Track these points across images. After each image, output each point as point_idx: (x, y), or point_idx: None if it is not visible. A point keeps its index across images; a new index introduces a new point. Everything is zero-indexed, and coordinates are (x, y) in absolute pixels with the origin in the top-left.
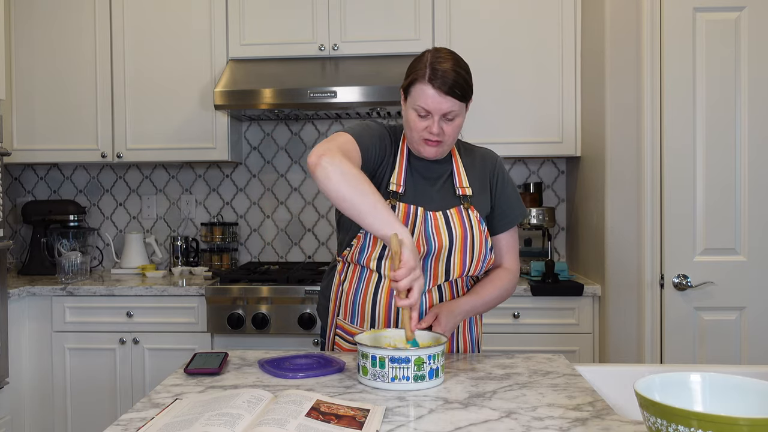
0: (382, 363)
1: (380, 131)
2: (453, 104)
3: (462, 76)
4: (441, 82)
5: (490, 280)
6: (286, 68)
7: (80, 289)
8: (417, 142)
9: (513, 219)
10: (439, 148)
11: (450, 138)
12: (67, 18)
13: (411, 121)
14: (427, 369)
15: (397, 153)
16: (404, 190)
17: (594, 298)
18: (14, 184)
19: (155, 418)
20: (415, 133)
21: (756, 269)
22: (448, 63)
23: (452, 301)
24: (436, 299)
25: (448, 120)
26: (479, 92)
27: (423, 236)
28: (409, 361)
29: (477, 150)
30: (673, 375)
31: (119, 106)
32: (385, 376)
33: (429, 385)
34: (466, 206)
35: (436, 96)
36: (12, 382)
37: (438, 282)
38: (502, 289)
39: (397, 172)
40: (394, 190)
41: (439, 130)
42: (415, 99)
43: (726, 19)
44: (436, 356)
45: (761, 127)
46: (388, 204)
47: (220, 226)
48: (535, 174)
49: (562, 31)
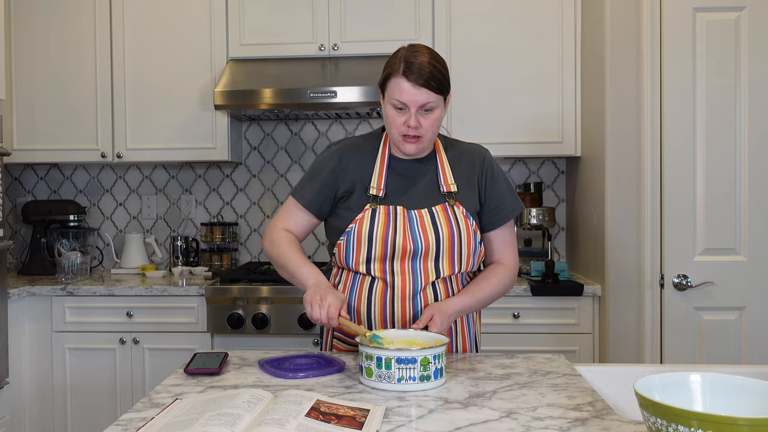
0: (388, 364)
1: (330, 166)
2: (429, 96)
3: (437, 68)
4: (417, 75)
5: (484, 278)
6: (286, 68)
7: (80, 289)
8: (397, 139)
9: (507, 214)
10: (419, 144)
11: (429, 132)
12: (67, 18)
13: (389, 116)
14: (432, 369)
15: (376, 156)
16: (385, 193)
17: (594, 298)
18: (14, 184)
19: (155, 418)
20: (394, 129)
21: (756, 269)
22: (423, 56)
23: (445, 301)
24: (431, 298)
25: (425, 112)
26: (479, 92)
27: (409, 234)
28: (415, 361)
29: (464, 145)
30: (673, 375)
31: (119, 106)
32: (391, 377)
33: (434, 385)
34: (451, 203)
35: (411, 88)
36: (12, 382)
37: (430, 280)
38: (498, 285)
39: (377, 176)
40: (374, 194)
41: (416, 123)
42: (391, 93)
43: (726, 19)
44: (440, 356)
45: (761, 127)
46: (368, 208)
47: (220, 226)
48: (535, 174)
49: (562, 30)
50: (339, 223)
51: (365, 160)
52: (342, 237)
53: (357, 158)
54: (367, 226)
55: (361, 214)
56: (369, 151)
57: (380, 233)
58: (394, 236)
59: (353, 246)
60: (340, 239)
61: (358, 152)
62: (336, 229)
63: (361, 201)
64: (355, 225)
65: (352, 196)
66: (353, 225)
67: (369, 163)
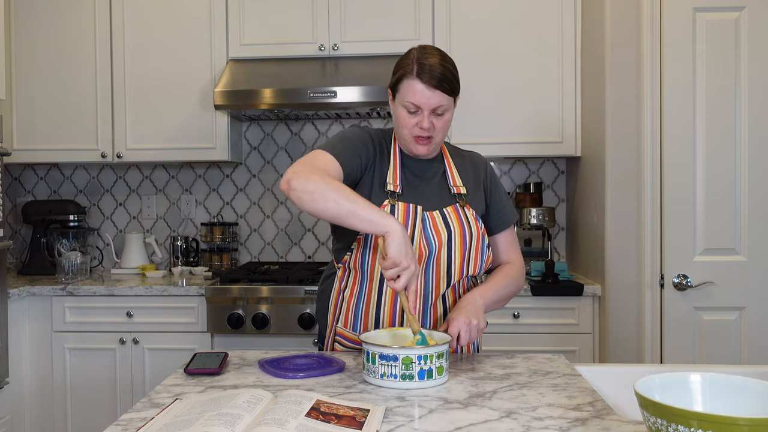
0: (373, 359)
1: (362, 137)
2: (442, 98)
3: (449, 70)
4: (429, 77)
5: (494, 274)
6: (286, 68)
7: (80, 289)
8: (408, 140)
9: (508, 219)
10: (431, 145)
11: (440, 133)
12: (67, 18)
13: (401, 118)
14: (416, 369)
15: (389, 154)
16: (402, 189)
17: (594, 298)
18: (14, 184)
19: (155, 418)
20: (405, 130)
21: (756, 269)
22: (435, 58)
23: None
24: (440, 311)
25: (438, 115)
26: (479, 92)
27: (423, 237)
28: (396, 359)
29: (465, 152)
30: (673, 375)
31: (119, 106)
32: (375, 372)
33: (421, 385)
34: (461, 204)
35: (425, 90)
36: (12, 382)
37: (441, 291)
38: (510, 278)
39: (392, 172)
40: (392, 190)
41: (429, 125)
42: (404, 95)
43: (726, 19)
44: (428, 357)
45: (761, 127)
46: (387, 204)
47: (220, 226)
48: (535, 174)
49: (562, 31)
50: None
51: (382, 152)
52: (360, 234)
53: (378, 145)
54: None
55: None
56: (385, 144)
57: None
58: (411, 238)
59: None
60: (360, 235)
61: (378, 140)
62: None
63: (380, 196)
64: None
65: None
66: None
67: (386, 156)
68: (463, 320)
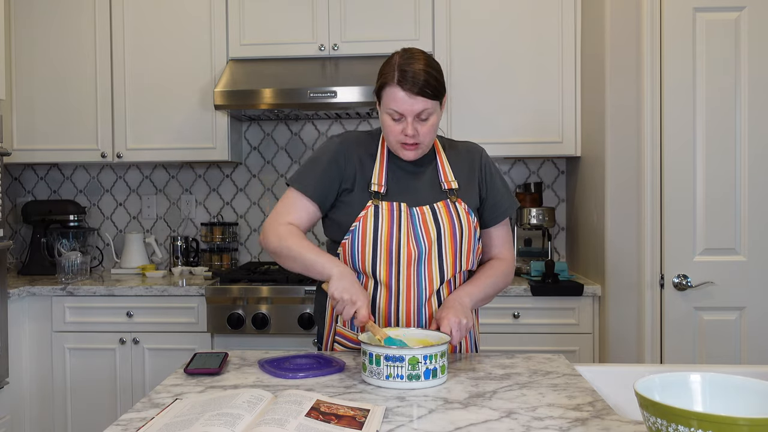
0: (377, 361)
1: (334, 155)
2: (425, 104)
3: (432, 75)
4: (411, 84)
5: (483, 269)
6: (286, 68)
7: (80, 289)
8: (395, 147)
9: (504, 211)
10: (418, 150)
11: (427, 138)
12: (67, 18)
13: (386, 125)
14: (422, 369)
15: (376, 154)
16: (386, 189)
17: (594, 298)
18: (14, 184)
19: (155, 418)
20: (391, 137)
21: (756, 269)
22: (417, 63)
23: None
24: (435, 307)
25: (422, 120)
26: (479, 92)
27: (412, 235)
28: (403, 360)
29: (460, 143)
30: (673, 375)
31: (119, 106)
32: (380, 374)
33: (425, 385)
34: (453, 199)
35: (407, 98)
36: (12, 382)
37: (435, 287)
38: (497, 275)
39: (378, 173)
40: (376, 191)
41: (413, 132)
42: (387, 103)
43: (726, 19)
44: (432, 357)
45: (761, 127)
46: (371, 204)
47: (220, 226)
48: (535, 174)
49: (562, 31)
50: (341, 219)
51: (366, 155)
52: (347, 236)
53: (358, 152)
54: (371, 223)
55: (363, 211)
56: (369, 146)
57: (385, 232)
58: (398, 237)
59: (359, 245)
60: (345, 238)
61: (359, 146)
62: (338, 225)
63: (363, 198)
64: (359, 223)
65: (353, 192)
66: (357, 223)
67: (369, 159)
68: (453, 319)
